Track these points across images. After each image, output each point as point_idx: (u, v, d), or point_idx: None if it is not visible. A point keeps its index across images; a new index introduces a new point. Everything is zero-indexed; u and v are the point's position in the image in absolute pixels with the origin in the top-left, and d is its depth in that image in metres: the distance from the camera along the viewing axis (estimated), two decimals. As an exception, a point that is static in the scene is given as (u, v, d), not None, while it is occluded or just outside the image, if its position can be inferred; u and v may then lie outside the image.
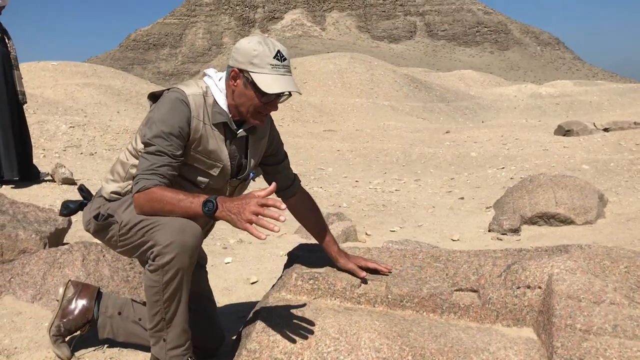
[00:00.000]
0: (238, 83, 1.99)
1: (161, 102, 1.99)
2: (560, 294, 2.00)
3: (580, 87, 29.91)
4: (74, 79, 18.59)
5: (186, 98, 1.98)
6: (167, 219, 1.91)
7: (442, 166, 11.13)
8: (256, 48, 1.94)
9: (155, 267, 1.87)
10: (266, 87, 1.92)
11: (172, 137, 1.94)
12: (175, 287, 1.90)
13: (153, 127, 1.95)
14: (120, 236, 2.02)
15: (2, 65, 5.90)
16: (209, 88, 2.06)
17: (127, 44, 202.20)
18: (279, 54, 1.95)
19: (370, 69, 27.30)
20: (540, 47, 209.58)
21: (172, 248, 1.84)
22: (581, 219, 5.35)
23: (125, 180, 2.08)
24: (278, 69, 1.95)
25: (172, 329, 1.97)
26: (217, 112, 2.04)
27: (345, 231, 4.92)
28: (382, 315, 2.16)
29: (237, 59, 1.98)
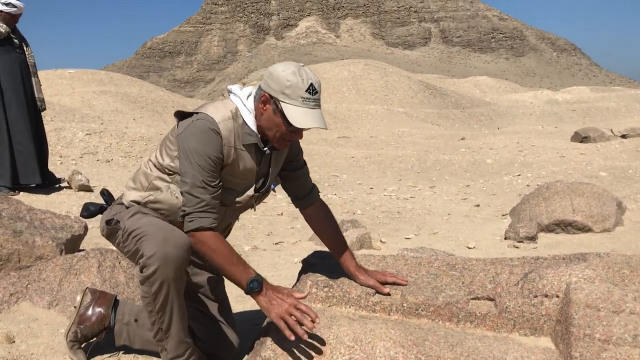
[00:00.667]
0: (267, 108, 2.00)
1: (193, 131, 1.98)
2: (579, 303, 1.97)
3: (597, 94, 29.64)
4: (90, 86, 18.78)
5: (217, 127, 1.98)
6: (153, 228, 1.95)
7: (458, 173, 11.07)
8: (290, 79, 1.94)
9: (142, 279, 1.91)
10: (295, 120, 1.94)
11: (210, 169, 1.97)
12: (164, 298, 1.92)
13: (190, 159, 1.96)
14: (123, 242, 2.06)
15: (21, 72, 5.97)
16: (238, 109, 2.06)
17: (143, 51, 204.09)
18: (311, 87, 1.96)
19: (384, 75, 27.28)
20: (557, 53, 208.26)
21: (154, 260, 1.87)
22: (599, 226, 5.29)
23: (148, 190, 2.10)
24: (308, 103, 1.96)
25: (170, 339, 2.00)
26: (247, 134, 2.05)
27: (359, 238, 4.90)
28: (397, 323, 2.14)
29: (270, 85, 1.98)
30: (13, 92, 5.90)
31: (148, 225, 1.98)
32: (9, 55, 5.91)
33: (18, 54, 5.98)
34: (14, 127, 5.91)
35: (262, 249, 4.96)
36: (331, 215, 2.36)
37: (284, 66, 1.99)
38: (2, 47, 5.90)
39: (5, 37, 5.89)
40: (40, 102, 6.15)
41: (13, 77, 5.90)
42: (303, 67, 2.00)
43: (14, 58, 5.93)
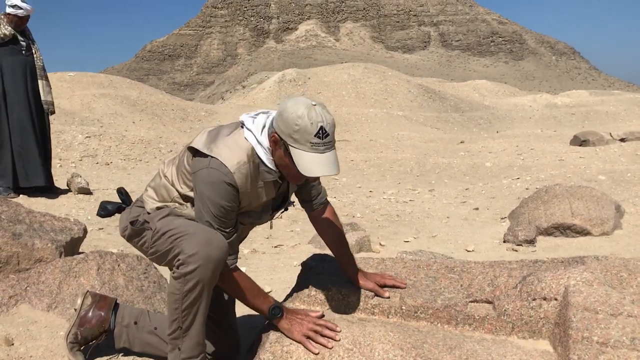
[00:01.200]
0: (277, 147, 1.94)
1: (207, 181, 1.94)
2: (577, 306, 1.97)
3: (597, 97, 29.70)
4: (90, 89, 18.81)
5: (232, 179, 1.93)
6: (195, 229, 1.95)
7: (457, 176, 11.08)
8: (298, 123, 1.85)
9: (177, 275, 1.91)
10: (302, 168, 1.86)
11: (225, 216, 1.97)
12: (194, 298, 1.92)
13: (205, 206, 1.95)
14: (153, 243, 2.06)
15: (25, 74, 5.96)
16: (254, 149, 1.98)
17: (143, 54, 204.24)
18: (321, 131, 1.86)
19: (384, 79, 27.33)
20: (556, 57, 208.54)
21: (196, 259, 1.87)
22: (598, 230, 5.30)
23: (172, 202, 2.11)
24: (318, 148, 1.86)
25: (187, 339, 1.99)
26: (266, 172, 2.01)
27: (359, 241, 4.91)
28: (396, 326, 2.14)
29: (279, 125, 1.90)
30: (16, 94, 5.90)
31: (187, 225, 1.98)
32: (14, 57, 5.91)
33: (24, 56, 5.98)
34: (15, 130, 5.91)
35: (262, 252, 4.97)
36: (337, 219, 2.37)
37: (294, 106, 1.88)
38: (8, 48, 5.90)
39: (11, 39, 5.89)
40: (47, 105, 6.14)
41: (17, 80, 5.90)
42: (314, 107, 1.88)
43: (19, 60, 5.93)
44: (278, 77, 28.20)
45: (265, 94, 26.19)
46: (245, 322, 2.93)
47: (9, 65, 5.87)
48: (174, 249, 1.96)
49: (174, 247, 1.96)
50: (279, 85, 27.16)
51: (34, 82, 6.06)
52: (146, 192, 2.18)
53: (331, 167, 1.87)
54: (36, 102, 6.07)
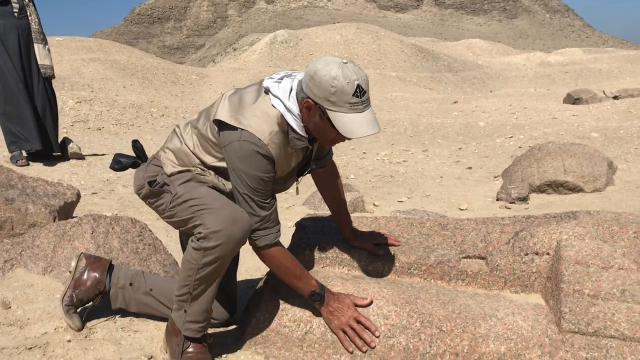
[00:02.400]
0: (312, 113, 1.88)
1: (241, 154, 1.88)
2: (569, 259, 1.99)
3: (590, 55, 29.52)
4: (79, 54, 18.52)
5: (267, 151, 1.88)
6: (220, 203, 1.92)
7: (450, 136, 11.07)
8: (334, 84, 1.78)
9: (197, 247, 1.88)
10: (344, 130, 1.81)
11: (264, 187, 1.92)
12: (210, 271, 1.92)
13: (242, 180, 1.90)
14: (171, 207, 2.02)
15: (18, 38, 5.78)
16: (284, 116, 1.92)
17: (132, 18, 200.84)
18: (358, 89, 1.79)
19: (377, 39, 27.03)
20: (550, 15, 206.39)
21: (219, 236, 1.85)
22: (590, 186, 5.33)
23: (193, 167, 2.05)
24: (357, 107, 1.80)
25: (195, 304, 1.99)
26: (296, 139, 1.95)
27: (353, 202, 4.92)
28: (389, 282, 2.17)
29: (313, 90, 1.82)
30: (8, 59, 5.76)
31: (212, 197, 1.94)
32: (5, 20, 5.74)
33: (16, 19, 5.81)
34: (8, 96, 5.80)
35: (256, 214, 4.98)
36: (339, 179, 2.37)
37: (326, 66, 1.80)
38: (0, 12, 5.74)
39: (2, 2, 5.73)
40: (44, 70, 5.97)
41: (9, 44, 5.76)
42: (347, 65, 1.81)
43: (10, 23, 5.76)
44: (269, 38, 27.81)
45: (256, 56, 25.89)
46: (242, 282, 2.96)
47: (1, 29, 5.72)
48: (195, 219, 1.93)
49: (196, 218, 1.92)
50: (270, 47, 26.81)
51: (29, 45, 5.89)
52: (165, 154, 2.11)
53: (373, 126, 1.82)
54: (33, 67, 5.92)
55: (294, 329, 2.06)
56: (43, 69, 5.94)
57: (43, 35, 5.99)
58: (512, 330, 1.91)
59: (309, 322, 2.06)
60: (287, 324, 2.08)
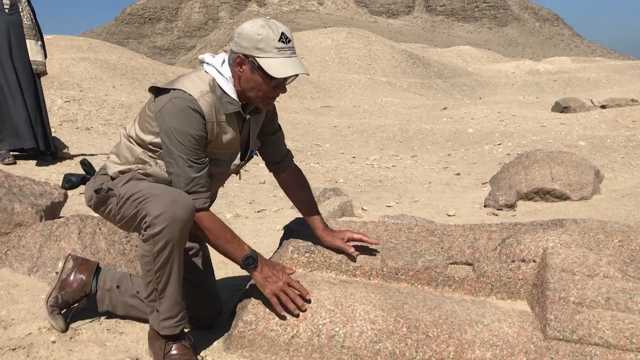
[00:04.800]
0: (244, 69, 1.97)
1: (172, 111, 1.93)
2: (555, 267, 2.01)
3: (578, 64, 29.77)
4: (69, 53, 18.41)
5: (197, 105, 1.94)
6: (159, 190, 1.94)
7: (439, 142, 11.12)
8: (260, 32, 1.91)
9: (146, 237, 1.89)
10: (275, 72, 1.91)
11: (194, 147, 1.95)
12: (165, 258, 1.91)
13: (172, 139, 1.93)
14: (118, 209, 2.04)
15: (8, 34, 5.72)
16: (215, 80, 2.02)
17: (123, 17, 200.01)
18: (283, 37, 1.93)
19: (368, 44, 27.10)
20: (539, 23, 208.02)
21: (162, 219, 1.86)
22: (577, 194, 5.37)
23: (135, 163, 2.07)
24: (284, 52, 1.93)
25: (164, 300, 1.98)
26: (228, 102, 2.02)
27: (341, 206, 4.93)
28: (377, 287, 2.17)
29: (242, 44, 1.95)
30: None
31: (151, 187, 1.97)
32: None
33: (6, 15, 5.75)
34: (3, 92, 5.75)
35: (245, 217, 4.97)
36: (304, 180, 2.39)
37: (252, 23, 1.96)
38: None
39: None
40: (36, 66, 5.91)
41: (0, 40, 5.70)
42: (270, 19, 1.97)
43: (0, 20, 5.72)
44: (260, 41, 27.77)
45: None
46: (228, 285, 2.95)
47: None
48: (140, 212, 1.94)
49: (140, 211, 1.94)
50: (261, 49, 26.75)
51: (21, 41, 5.83)
52: (108, 159, 2.15)
53: (300, 68, 1.95)
54: (24, 63, 5.86)
55: (280, 333, 2.06)
56: (34, 65, 5.89)
57: (36, 31, 5.94)
58: (498, 336, 1.92)
59: (295, 326, 2.06)
60: (274, 328, 2.07)
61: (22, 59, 5.83)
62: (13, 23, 5.77)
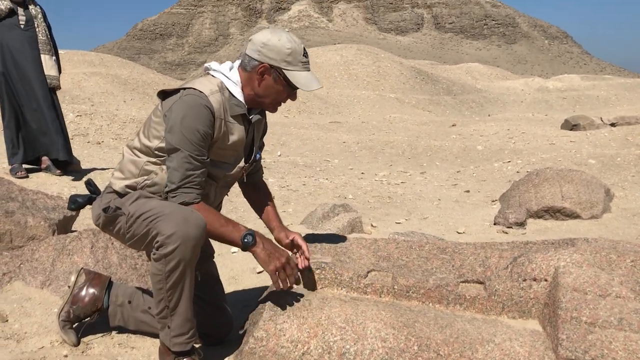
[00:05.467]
0: (266, 78, 2.05)
1: (182, 107, 1.98)
2: (566, 286, 2.01)
3: (588, 82, 29.77)
4: (80, 67, 18.63)
5: (208, 102, 2.00)
6: (170, 209, 1.95)
7: (448, 159, 11.12)
8: (289, 46, 2.02)
9: (158, 256, 1.91)
10: (303, 85, 2.05)
11: (198, 143, 1.98)
12: (177, 277, 1.93)
13: (178, 133, 1.97)
14: (128, 228, 2.05)
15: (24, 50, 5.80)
16: (223, 83, 2.09)
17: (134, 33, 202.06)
18: (305, 50, 2.07)
19: (376, 60, 27.23)
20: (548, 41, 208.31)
21: (174, 238, 1.87)
22: (587, 213, 5.35)
23: (140, 176, 2.09)
24: (306, 66, 2.07)
25: (175, 317, 2.00)
26: (235, 105, 2.08)
27: (351, 222, 4.93)
28: (388, 305, 2.17)
29: (268, 55, 2.03)
30: (15, 71, 5.79)
31: (162, 206, 1.98)
32: (11, 33, 5.77)
33: (22, 31, 5.83)
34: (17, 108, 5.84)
35: (254, 232, 4.98)
36: (270, 197, 2.48)
37: (276, 34, 2.04)
38: (5, 24, 5.77)
39: (8, 14, 5.76)
40: (50, 80, 5.97)
41: (15, 56, 5.79)
42: (288, 32, 2.08)
43: (16, 35, 5.79)
44: (270, 57, 27.98)
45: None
46: (238, 301, 2.96)
47: (7, 42, 5.75)
48: (151, 231, 1.95)
49: (151, 229, 1.95)
50: (271, 65, 26.96)
51: (36, 56, 5.90)
52: (112, 177, 2.18)
53: (319, 82, 2.11)
54: (39, 78, 5.93)
55: (291, 350, 2.06)
56: (49, 80, 5.95)
57: (50, 46, 6.00)
58: (510, 356, 1.91)
59: (306, 343, 2.06)
60: (285, 345, 2.08)
61: (38, 74, 5.90)
62: (29, 38, 5.84)
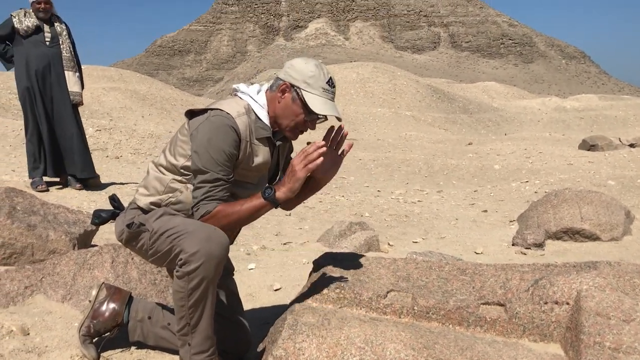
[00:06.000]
0: (286, 96, 2.08)
1: (209, 127, 2.01)
2: (589, 310, 1.98)
3: (606, 102, 29.57)
4: (100, 82, 18.88)
5: (234, 123, 2.02)
6: (194, 227, 1.97)
7: (465, 178, 11.08)
8: (313, 70, 2.06)
9: (181, 274, 1.92)
10: (316, 107, 2.04)
11: (224, 163, 2.01)
12: (200, 295, 1.94)
13: (204, 153, 1.99)
14: (151, 244, 2.07)
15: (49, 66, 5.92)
16: (250, 105, 2.11)
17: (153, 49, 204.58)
18: (330, 81, 2.09)
19: (393, 78, 27.30)
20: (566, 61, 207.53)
21: (198, 256, 1.89)
22: (607, 235, 5.29)
23: (165, 193, 2.12)
24: (327, 94, 2.08)
25: (196, 335, 2.01)
26: (261, 128, 2.10)
27: (367, 241, 4.92)
28: (408, 326, 2.16)
29: (292, 74, 2.08)
30: (40, 87, 5.91)
31: (186, 224, 2.00)
32: (37, 49, 5.90)
33: (47, 48, 5.96)
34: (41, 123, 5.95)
35: (271, 249, 4.99)
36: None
37: (306, 60, 2.10)
38: (32, 41, 5.89)
39: (34, 31, 5.89)
40: (73, 96, 6.08)
41: (40, 72, 5.91)
42: (322, 63, 2.10)
43: (41, 52, 5.92)
44: (287, 74, 28.16)
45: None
46: (256, 318, 2.96)
47: (33, 58, 5.88)
48: (174, 248, 1.98)
49: (174, 247, 1.97)
50: (288, 82, 27.11)
51: (60, 73, 6.02)
52: (137, 192, 2.20)
53: (337, 111, 2.09)
54: (63, 94, 6.04)
55: (310, 369, 2.05)
56: (72, 96, 6.07)
57: (74, 63, 6.13)
58: (531, 380, 1.89)
59: (326, 363, 2.05)
60: (304, 364, 2.07)
61: (61, 90, 6.01)
62: (53, 55, 5.97)
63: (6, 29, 5.85)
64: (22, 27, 5.82)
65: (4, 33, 5.85)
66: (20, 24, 5.82)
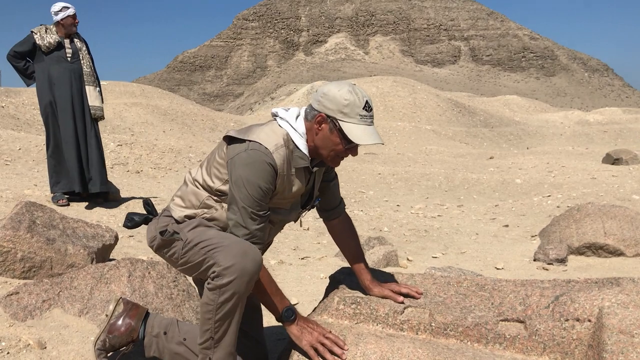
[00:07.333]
0: (324, 127, 2.02)
1: (246, 161, 1.98)
2: (612, 328, 1.93)
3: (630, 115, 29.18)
4: (122, 98, 19.16)
5: (272, 159, 1.98)
6: (230, 241, 1.96)
7: (486, 192, 10.97)
8: (347, 97, 1.97)
9: (213, 287, 1.92)
10: (356, 138, 1.97)
11: (260, 199, 1.99)
12: (228, 310, 1.93)
13: (241, 188, 1.97)
14: (184, 254, 2.06)
15: (70, 82, 6.02)
16: (289, 134, 2.06)
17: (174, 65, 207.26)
18: (367, 105, 2.00)
19: (413, 92, 27.28)
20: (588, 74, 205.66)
21: (232, 271, 1.88)
22: (632, 250, 5.18)
23: (200, 208, 2.11)
24: (365, 120, 2.00)
25: (218, 350, 2.00)
26: (299, 157, 2.06)
27: (386, 256, 4.88)
28: (425, 343, 2.12)
29: (326, 105, 2.00)
30: (62, 102, 6.01)
31: (221, 237, 1.99)
32: (59, 65, 6.01)
33: (69, 63, 6.06)
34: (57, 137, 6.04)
35: (288, 264, 4.97)
36: (354, 229, 2.40)
37: (338, 86, 2.01)
38: (54, 57, 6.00)
39: (56, 47, 5.99)
40: (94, 111, 6.16)
41: (62, 88, 6.00)
42: (356, 86, 2.03)
43: (63, 68, 6.02)
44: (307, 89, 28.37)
45: (293, 106, 26.38)
46: (271, 334, 2.94)
47: (54, 74, 5.98)
48: (207, 260, 1.96)
49: (208, 259, 1.96)
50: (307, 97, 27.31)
51: (81, 88, 6.11)
52: (173, 202, 2.19)
53: (378, 137, 2.01)
54: (83, 109, 6.13)
55: (325, 386, 2.02)
56: (93, 110, 6.15)
57: (94, 77, 6.22)
58: (552, 399, 1.84)
59: (341, 380, 2.02)
60: (319, 380, 2.04)
61: (82, 105, 6.10)
62: (74, 71, 6.06)
63: (27, 45, 5.95)
64: (44, 44, 5.92)
65: (25, 49, 5.95)
66: (42, 40, 5.92)
